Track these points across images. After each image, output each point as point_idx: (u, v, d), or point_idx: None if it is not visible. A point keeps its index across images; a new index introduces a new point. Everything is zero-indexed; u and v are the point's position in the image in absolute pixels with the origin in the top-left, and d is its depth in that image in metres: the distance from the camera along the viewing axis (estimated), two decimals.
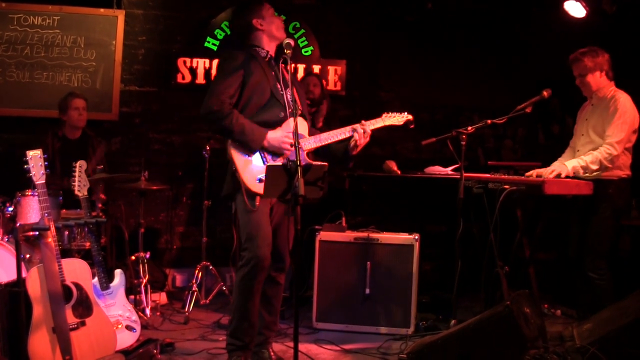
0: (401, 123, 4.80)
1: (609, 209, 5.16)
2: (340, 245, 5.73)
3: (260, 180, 4.33)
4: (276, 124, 4.51)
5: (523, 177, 5.21)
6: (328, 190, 4.72)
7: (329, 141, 4.60)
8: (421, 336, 5.40)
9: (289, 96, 4.52)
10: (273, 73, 4.64)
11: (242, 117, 4.41)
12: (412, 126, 4.83)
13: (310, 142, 4.58)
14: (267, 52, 4.67)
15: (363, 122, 4.63)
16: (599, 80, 5.30)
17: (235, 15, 7.17)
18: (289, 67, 4.33)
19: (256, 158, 4.46)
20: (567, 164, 5.08)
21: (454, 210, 5.10)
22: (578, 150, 5.44)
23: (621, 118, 5.10)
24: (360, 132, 4.56)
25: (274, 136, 4.43)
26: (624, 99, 5.17)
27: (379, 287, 5.66)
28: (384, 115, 4.82)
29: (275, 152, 4.46)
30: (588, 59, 5.28)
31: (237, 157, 4.43)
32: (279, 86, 4.60)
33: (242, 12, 4.75)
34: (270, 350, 4.75)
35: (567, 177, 5.07)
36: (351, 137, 4.59)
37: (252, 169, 4.42)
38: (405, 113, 4.83)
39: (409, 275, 5.63)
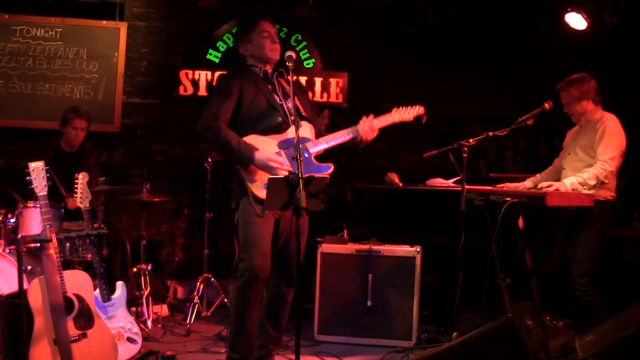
0: (411, 118, 4.85)
1: (594, 228, 5.17)
2: (341, 257, 5.73)
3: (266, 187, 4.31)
4: (276, 128, 4.58)
5: (525, 189, 5.21)
6: (330, 202, 4.74)
7: (335, 143, 4.69)
8: (423, 349, 5.38)
9: (289, 105, 4.56)
10: (270, 87, 4.70)
11: (231, 133, 4.46)
12: (424, 120, 4.85)
13: (318, 145, 4.64)
14: (261, 68, 4.74)
15: (368, 118, 4.72)
16: (585, 107, 5.34)
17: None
18: (289, 78, 4.36)
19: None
20: (565, 182, 5.08)
21: (456, 222, 5.10)
22: (564, 168, 5.46)
23: (610, 138, 5.14)
24: (367, 128, 4.68)
25: (260, 157, 4.39)
26: (611, 121, 5.21)
27: (380, 300, 5.65)
28: (394, 110, 4.85)
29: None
30: (574, 88, 5.31)
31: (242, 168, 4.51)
32: (276, 97, 4.67)
33: (237, 36, 4.80)
34: None
35: None
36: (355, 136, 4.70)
37: (258, 176, 4.46)
38: (417, 107, 4.87)
39: (411, 287, 5.62)
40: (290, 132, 4.54)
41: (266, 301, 4.71)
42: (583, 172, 5.11)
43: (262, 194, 4.35)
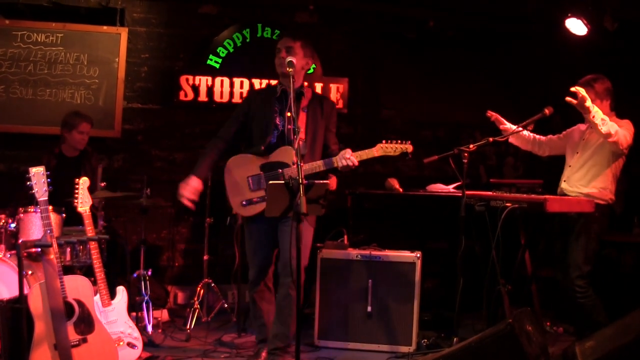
0: (396, 154, 4.91)
1: (593, 231, 5.18)
2: (342, 262, 5.73)
3: (243, 205, 4.88)
4: (265, 151, 4.91)
5: (525, 195, 5.21)
6: (330, 208, 4.79)
7: (311, 172, 4.83)
8: (423, 354, 5.39)
9: (289, 126, 4.91)
10: (278, 107, 4.98)
11: (206, 153, 5.08)
12: (409, 156, 4.86)
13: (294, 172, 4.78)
14: (281, 87, 5.02)
15: (349, 152, 4.81)
16: (603, 108, 5.26)
17: None
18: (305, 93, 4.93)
19: (243, 182, 4.89)
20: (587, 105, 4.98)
21: (456, 228, 5.10)
22: (570, 166, 5.46)
23: (626, 128, 5.13)
24: (343, 163, 4.81)
25: (183, 183, 4.99)
26: (628, 122, 5.22)
27: (380, 305, 5.65)
28: (378, 145, 4.91)
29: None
30: (598, 84, 5.26)
31: (227, 181, 4.99)
32: (278, 118, 4.96)
33: None
34: None
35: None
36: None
37: (237, 192, 4.93)
38: (408, 143, 4.90)
39: (411, 292, 5.62)
40: (274, 156, 4.87)
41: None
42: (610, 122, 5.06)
43: (239, 210, 4.97)
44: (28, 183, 4.20)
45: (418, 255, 5.66)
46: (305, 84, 5.29)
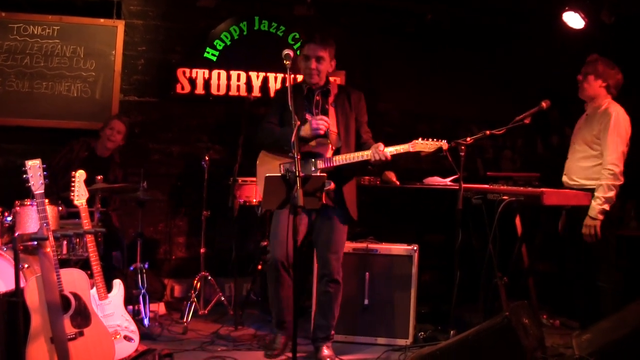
0: (431, 150, 5.01)
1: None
2: None
3: None
4: (301, 143, 4.88)
5: (522, 188, 5.20)
6: None
7: (344, 163, 4.99)
8: (420, 347, 5.39)
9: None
10: (305, 102, 5.13)
11: (275, 127, 5.14)
12: (444, 153, 4.93)
13: (328, 164, 4.99)
14: (306, 86, 5.21)
15: (381, 146, 4.95)
16: (597, 89, 5.30)
17: None
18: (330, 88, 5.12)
19: (275, 170, 4.96)
20: (591, 213, 5.07)
21: (453, 221, 5.10)
22: (568, 158, 5.47)
23: (614, 132, 5.11)
24: (376, 157, 4.94)
25: (304, 127, 4.94)
26: (616, 113, 5.18)
27: (377, 298, 5.65)
28: (414, 141, 5.02)
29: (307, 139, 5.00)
30: (602, 64, 5.31)
31: (259, 173, 5.11)
32: (307, 115, 5.09)
33: None
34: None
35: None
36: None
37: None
38: (444, 141, 5.02)
39: (408, 286, 5.62)
40: (308, 147, 4.99)
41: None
42: (597, 190, 5.10)
43: None
44: (24, 176, 4.18)
45: (415, 248, 5.67)
46: (332, 79, 5.50)
